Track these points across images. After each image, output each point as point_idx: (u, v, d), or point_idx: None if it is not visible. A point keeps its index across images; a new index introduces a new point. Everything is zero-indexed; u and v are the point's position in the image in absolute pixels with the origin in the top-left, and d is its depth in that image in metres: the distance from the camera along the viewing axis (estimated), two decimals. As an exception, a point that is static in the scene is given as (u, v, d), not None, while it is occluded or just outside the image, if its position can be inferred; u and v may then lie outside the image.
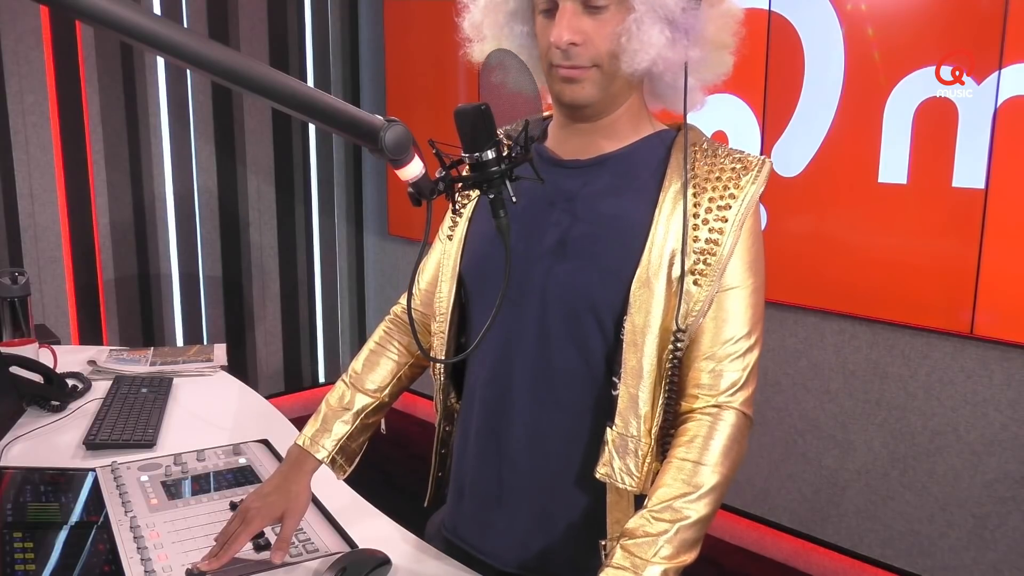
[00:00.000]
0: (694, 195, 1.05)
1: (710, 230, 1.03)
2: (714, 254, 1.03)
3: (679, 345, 1.03)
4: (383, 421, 1.31)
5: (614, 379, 1.05)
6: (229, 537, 1.13)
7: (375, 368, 1.28)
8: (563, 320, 1.08)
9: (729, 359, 1.03)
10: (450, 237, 1.20)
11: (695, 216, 1.04)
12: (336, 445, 1.22)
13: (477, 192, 0.96)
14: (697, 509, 0.97)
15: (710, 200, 1.04)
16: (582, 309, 1.07)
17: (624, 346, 1.03)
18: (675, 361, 1.04)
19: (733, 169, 1.06)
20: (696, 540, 0.97)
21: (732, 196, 1.04)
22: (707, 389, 1.04)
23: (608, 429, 1.04)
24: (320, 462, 1.21)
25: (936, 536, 2.45)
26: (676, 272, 1.02)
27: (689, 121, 1.10)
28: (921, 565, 2.49)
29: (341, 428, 1.23)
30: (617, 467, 1.04)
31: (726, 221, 1.03)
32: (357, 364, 1.30)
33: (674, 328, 1.02)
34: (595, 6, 1.01)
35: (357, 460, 1.27)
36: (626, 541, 0.96)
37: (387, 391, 1.28)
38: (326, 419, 1.24)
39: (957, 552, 2.41)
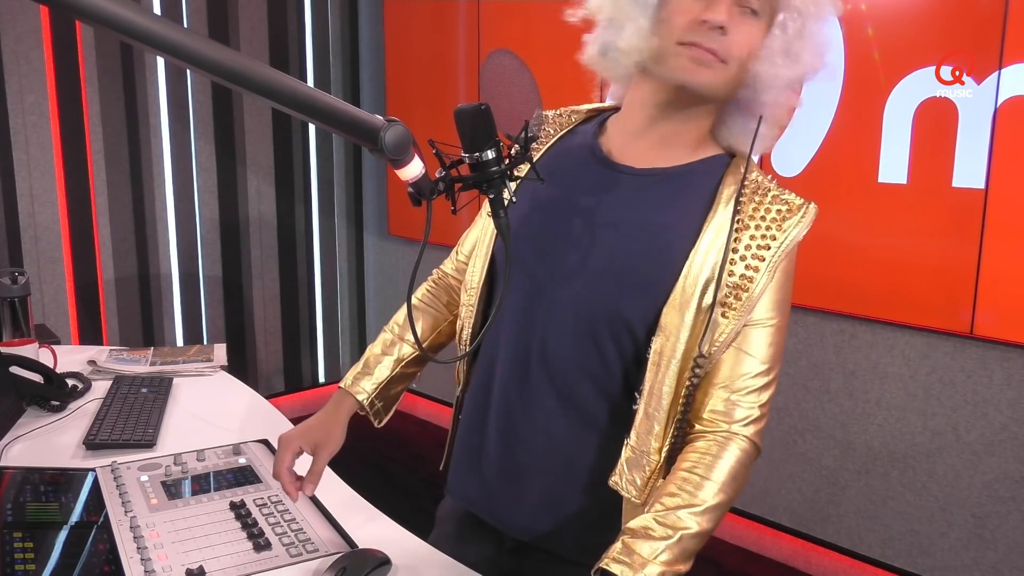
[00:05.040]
0: (736, 230, 1.05)
1: (746, 267, 1.05)
2: (746, 290, 1.04)
3: (698, 372, 1.05)
4: (419, 375, 1.34)
5: (635, 394, 1.07)
6: (277, 469, 1.17)
7: (417, 321, 1.33)
8: (585, 324, 1.09)
9: (745, 392, 1.05)
10: (490, 214, 1.22)
11: (734, 251, 1.05)
12: (376, 388, 1.26)
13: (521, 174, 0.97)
14: (699, 522, 0.98)
15: (751, 238, 1.06)
16: (606, 320, 1.08)
17: (648, 366, 1.05)
18: (693, 381, 1.05)
19: (778, 211, 1.07)
20: (693, 552, 0.99)
21: (773, 237, 1.06)
22: (721, 416, 1.05)
23: (625, 443, 1.07)
24: (360, 403, 1.25)
25: (936, 536, 2.45)
26: (707, 301, 1.03)
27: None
28: (921, 565, 2.49)
29: (382, 372, 1.27)
30: (626, 479, 1.07)
31: (762, 260, 1.05)
32: (399, 317, 1.33)
33: (696, 354, 1.04)
34: (751, 8, 1.02)
35: (393, 410, 1.31)
36: (628, 538, 0.97)
37: (427, 343, 1.32)
38: (368, 363, 1.28)
39: (957, 552, 2.41)
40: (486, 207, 1.24)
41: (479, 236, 1.24)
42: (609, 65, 1.11)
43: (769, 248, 1.05)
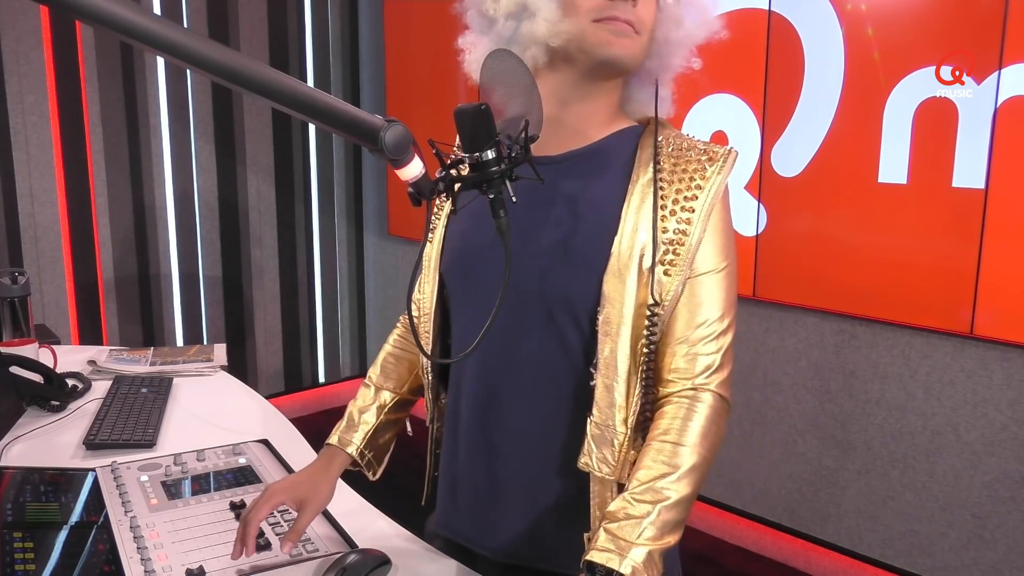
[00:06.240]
0: (661, 187, 1.06)
1: (678, 220, 1.05)
2: (683, 244, 1.05)
3: (653, 330, 1.04)
4: (408, 422, 1.34)
5: (591, 370, 1.06)
6: (249, 512, 1.12)
7: (393, 368, 1.32)
8: (539, 314, 1.09)
9: (703, 342, 1.05)
10: (430, 241, 1.22)
11: (663, 208, 1.06)
12: (364, 439, 1.25)
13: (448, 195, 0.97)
14: (678, 489, 0.97)
15: (677, 192, 1.06)
16: (557, 303, 1.08)
17: (599, 338, 1.05)
18: (651, 347, 1.05)
19: (699, 161, 1.08)
20: (679, 521, 0.97)
21: (699, 187, 1.06)
22: (683, 373, 1.05)
23: (588, 420, 1.06)
24: (350, 456, 1.23)
25: (936, 536, 2.45)
26: (647, 263, 1.04)
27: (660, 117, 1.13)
28: (921, 565, 2.49)
29: (367, 423, 1.26)
30: (595, 457, 1.05)
31: (693, 212, 1.05)
32: (375, 369, 1.33)
33: (650, 302, 1.03)
34: None
35: (386, 461, 1.29)
36: (609, 524, 0.96)
37: (406, 387, 1.32)
38: (351, 417, 1.27)
39: (957, 552, 2.41)
40: (426, 235, 1.24)
41: (424, 263, 1.22)
42: None
43: (697, 199, 1.06)
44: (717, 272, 1.06)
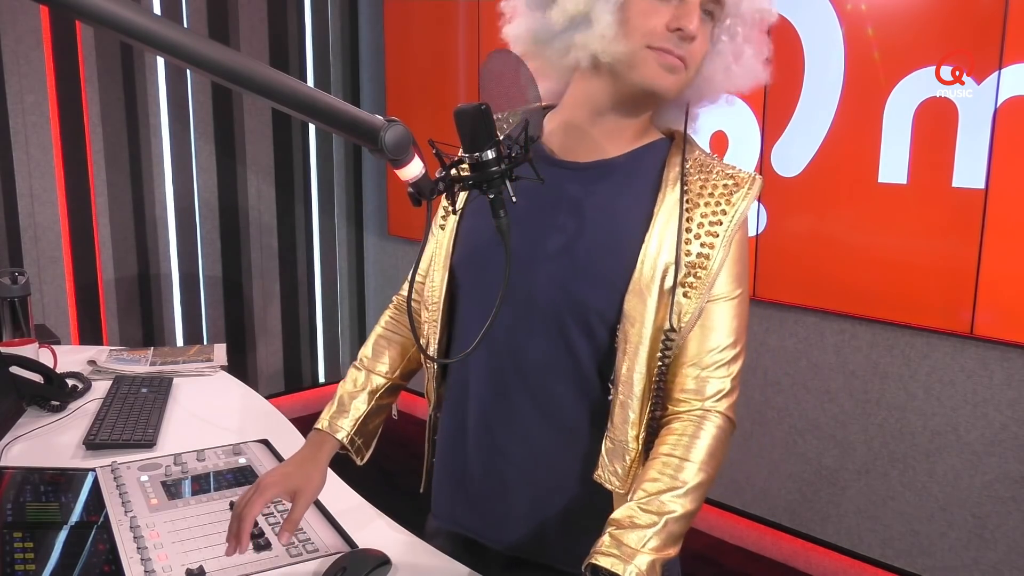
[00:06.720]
0: (687, 209, 1.06)
1: (701, 244, 1.05)
2: (704, 268, 1.05)
3: (667, 354, 1.05)
4: (395, 405, 1.33)
5: (608, 385, 1.07)
6: (243, 507, 1.10)
7: (385, 351, 1.31)
8: (549, 320, 1.09)
9: (714, 367, 1.06)
10: (442, 227, 1.22)
11: (687, 231, 1.05)
12: (354, 425, 1.24)
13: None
14: (683, 504, 0.98)
15: (702, 216, 1.06)
16: (574, 315, 1.08)
17: (617, 355, 1.05)
18: (663, 366, 1.05)
19: (725, 186, 1.08)
20: (680, 535, 0.98)
21: (723, 212, 1.06)
22: (693, 394, 1.06)
23: (604, 435, 1.07)
24: (340, 442, 1.23)
25: (936, 536, 2.45)
26: (668, 284, 1.04)
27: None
28: (921, 565, 2.49)
29: (358, 408, 1.25)
30: (608, 471, 1.07)
31: (716, 236, 1.05)
32: (367, 350, 1.32)
33: (667, 327, 1.04)
34: (709, 11, 1.03)
35: (373, 446, 1.28)
36: (614, 530, 0.96)
37: (398, 372, 1.31)
38: (342, 401, 1.26)
39: (957, 552, 2.41)
40: (437, 219, 1.24)
41: (434, 251, 1.22)
42: (551, 55, 1.09)
43: (721, 223, 1.06)
44: (730, 299, 1.06)
